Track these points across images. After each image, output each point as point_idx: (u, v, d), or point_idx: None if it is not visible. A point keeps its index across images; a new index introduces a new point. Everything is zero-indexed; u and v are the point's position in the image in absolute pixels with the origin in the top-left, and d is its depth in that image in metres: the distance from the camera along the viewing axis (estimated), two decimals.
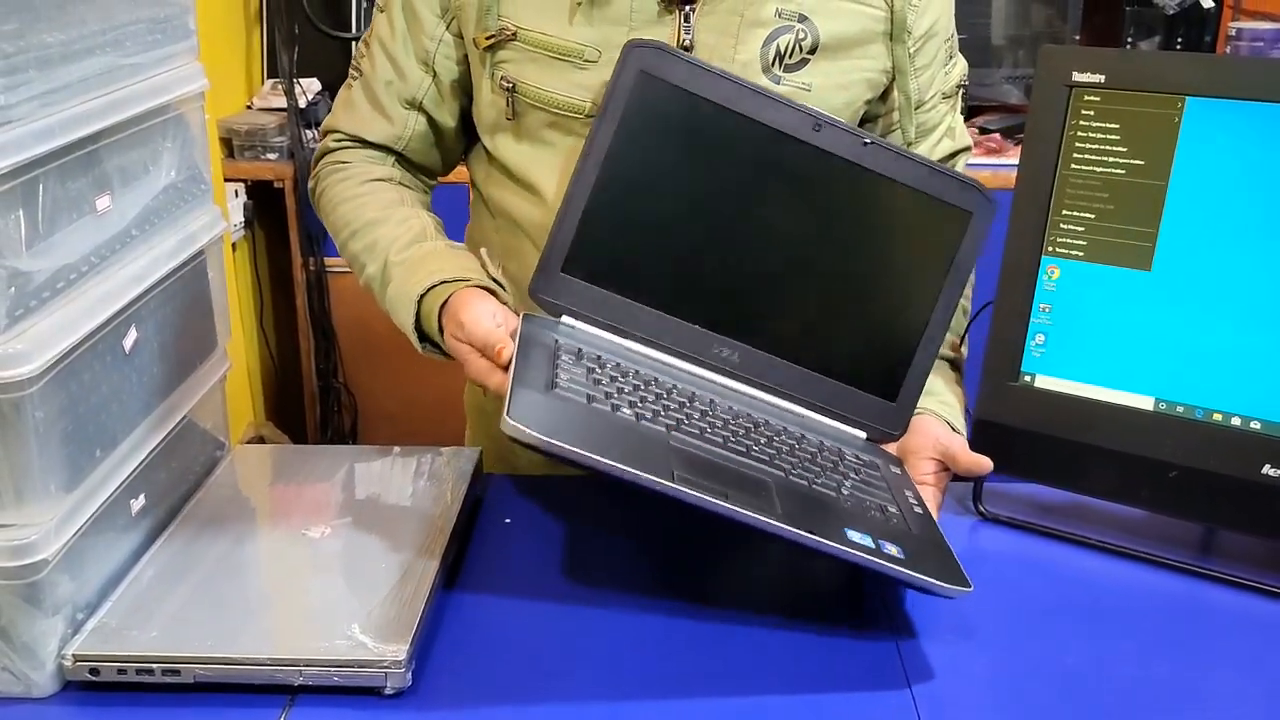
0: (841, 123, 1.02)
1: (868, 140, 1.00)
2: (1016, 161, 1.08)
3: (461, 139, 1.19)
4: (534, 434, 0.81)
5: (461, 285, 1.01)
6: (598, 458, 0.81)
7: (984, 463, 1.04)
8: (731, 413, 0.97)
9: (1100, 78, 1.03)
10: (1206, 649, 0.93)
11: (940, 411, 1.09)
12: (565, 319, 1.01)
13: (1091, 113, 1.04)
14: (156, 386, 1.02)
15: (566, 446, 0.81)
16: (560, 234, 1.00)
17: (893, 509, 0.93)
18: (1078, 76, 1.04)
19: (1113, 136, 1.03)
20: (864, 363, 1.04)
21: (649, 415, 0.90)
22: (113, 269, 0.95)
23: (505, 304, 1.02)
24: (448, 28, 1.10)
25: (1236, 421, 1.00)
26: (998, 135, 2.38)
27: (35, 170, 0.84)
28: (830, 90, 1.08)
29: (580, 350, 0.96)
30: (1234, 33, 2.41)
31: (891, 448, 1.07)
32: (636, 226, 1.01)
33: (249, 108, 2.52)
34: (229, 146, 2.39)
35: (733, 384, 1.02)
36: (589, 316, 1.01)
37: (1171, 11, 2.44)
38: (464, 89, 1.14)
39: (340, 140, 1.17)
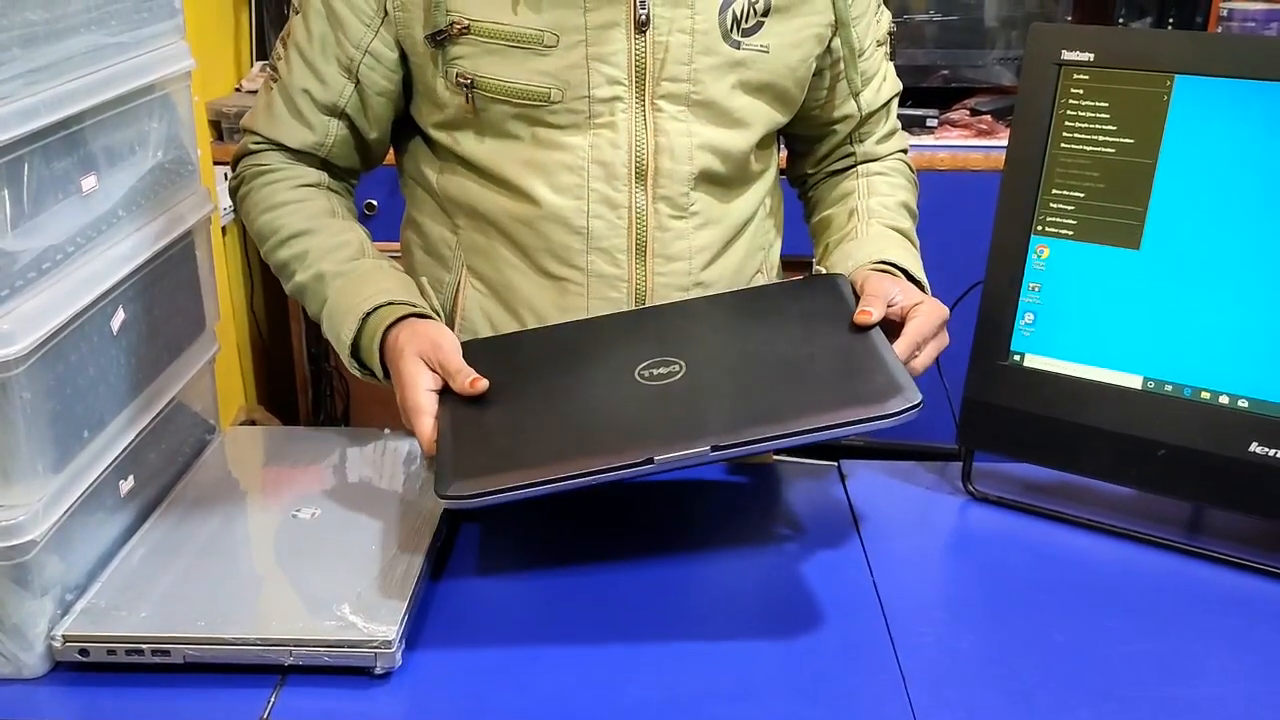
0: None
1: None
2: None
3: (386, 141, 1.16)
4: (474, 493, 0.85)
5: (413, 311, 1.02)
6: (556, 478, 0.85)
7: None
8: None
9: (1089, 56, 1.03)
10: (1195, 626, 0.93)
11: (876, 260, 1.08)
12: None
13: (1081, 91, 1.04)
14: (145, 368, 1.02)
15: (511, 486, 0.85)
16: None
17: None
18: (1067, 55, 1.04)
19: (1102, 115, 1.03)
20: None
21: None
22: (99, 250, 0.95)
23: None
24: (377, 34, 1.06)
25: (1224, 400, 1.01)
26: (989, 117, 2.36)
27: (20, 150, 0.83)
28: (785, 50, 1.09)
29: None
30: (1225, 13, 2.41)
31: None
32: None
33: (238, 90, 2.51)
34: (218, 129, 2.37)
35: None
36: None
37: None
38: (391, 99, 1.11)
39: (260, 144, 1.13)
